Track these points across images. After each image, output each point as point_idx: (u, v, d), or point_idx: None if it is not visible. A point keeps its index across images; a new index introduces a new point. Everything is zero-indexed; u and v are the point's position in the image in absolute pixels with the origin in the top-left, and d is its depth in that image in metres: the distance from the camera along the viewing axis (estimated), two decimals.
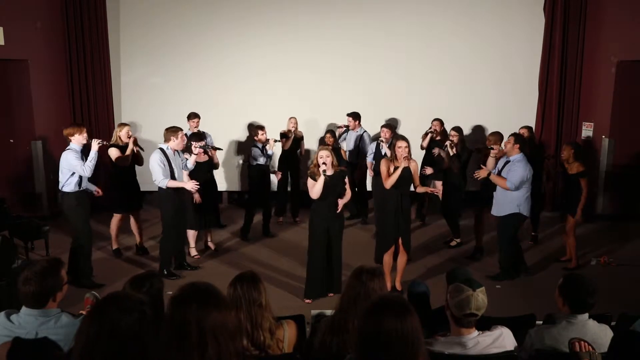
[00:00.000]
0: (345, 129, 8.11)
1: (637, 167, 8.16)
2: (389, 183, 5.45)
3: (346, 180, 5.42)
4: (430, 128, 7.74)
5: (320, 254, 5.45)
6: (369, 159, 7.77)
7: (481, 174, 5.92)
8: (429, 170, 7.07)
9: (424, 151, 7.80)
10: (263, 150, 7.16)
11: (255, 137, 7.21)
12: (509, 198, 5.78)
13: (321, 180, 5.19)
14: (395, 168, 5.46)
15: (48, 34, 8.03)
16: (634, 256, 6.79)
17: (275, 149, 7.57)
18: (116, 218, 6.67)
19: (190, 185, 5.93)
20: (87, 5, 8.23)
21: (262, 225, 7.49)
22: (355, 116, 7.99)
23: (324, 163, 5.19)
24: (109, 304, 1.95)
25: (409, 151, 5.48)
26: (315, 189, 5.25)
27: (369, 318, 1.97)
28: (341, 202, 5.38)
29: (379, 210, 5.77)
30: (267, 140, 7.18)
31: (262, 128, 7.26)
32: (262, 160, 7.15)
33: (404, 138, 5.60)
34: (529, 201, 5.85)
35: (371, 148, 7.77)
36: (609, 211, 8.29)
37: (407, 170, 5.44)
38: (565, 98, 8.67)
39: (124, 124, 6.66)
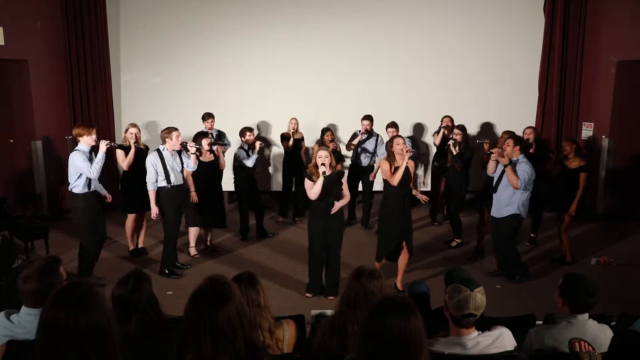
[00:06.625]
0: (366, 134, 7.85)
1: (637, 167, 8.16)
2: (395, 179, 5.43)
3: (343, 181, 5.42)
4: (442, 124, 7.79)
5: (319, 253, 5.49)
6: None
7: (501, 160, 5.73)
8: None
9: (435, 149, 7.89)
10: (248, 152, 7.14)
11: (243, 139, 7.19)
12: (512, 199, 5.75)
13: (320, 181, 5.21)
14: (396, 168, 5.47)
15: (48, 34, 8.03)
16: (634, 256, 6.78)
17: (275, 150, 7.54)
18: (130, 219, 6.62)
19: (153, 212, 5.99)
20: (87, 6, 8.23)
21: (256, 226, 7.44)
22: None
23: (322, 164, 5.20)
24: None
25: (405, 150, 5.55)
26: (314, 190, 5.27)
27: (373, 318, 1.94)
28: (338, 205, 5.37)
29: (382, 211, 5.78)
30: (254, 142, 7.16)
31: (250, 130, 7.24)
32: (247, 162, 7.09)
33: (399, 136, 5.69)
34: (528, 203, 5.83)
35: (381, 149, 7.83)
36: (609, 211, 8.28)
37: (406, 168, 5.47)
38: (565, 98, 8.67)
39: (132, 125, 6.56)
